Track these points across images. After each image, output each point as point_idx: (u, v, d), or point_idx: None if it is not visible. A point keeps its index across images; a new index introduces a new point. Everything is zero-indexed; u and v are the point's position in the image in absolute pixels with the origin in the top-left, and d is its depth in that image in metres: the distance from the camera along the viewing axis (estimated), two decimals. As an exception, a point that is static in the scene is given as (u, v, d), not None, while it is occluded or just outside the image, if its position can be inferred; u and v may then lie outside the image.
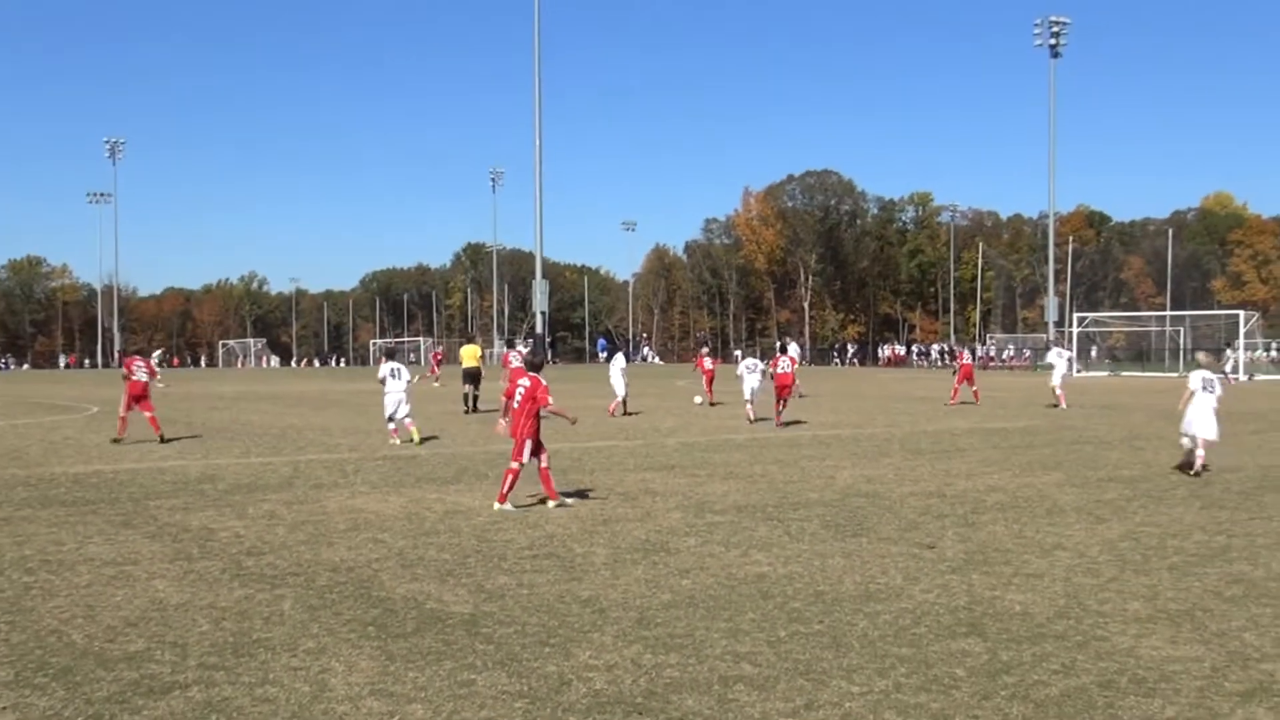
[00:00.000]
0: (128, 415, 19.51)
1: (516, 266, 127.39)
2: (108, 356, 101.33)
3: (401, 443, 18.56)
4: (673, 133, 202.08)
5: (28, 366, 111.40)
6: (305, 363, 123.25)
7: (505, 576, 8.28)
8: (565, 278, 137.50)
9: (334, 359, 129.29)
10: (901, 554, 9.12)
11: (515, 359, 26.57)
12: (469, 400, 26.98)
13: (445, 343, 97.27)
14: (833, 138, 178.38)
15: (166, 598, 7.63)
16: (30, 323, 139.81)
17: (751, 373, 24.85)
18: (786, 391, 23.26)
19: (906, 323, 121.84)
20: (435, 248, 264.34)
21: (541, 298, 60.58)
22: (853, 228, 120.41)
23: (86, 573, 8.45)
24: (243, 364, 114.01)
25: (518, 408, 11.51)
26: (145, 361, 20.37)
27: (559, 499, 11.62)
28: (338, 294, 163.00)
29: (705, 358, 31.72)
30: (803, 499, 12.32)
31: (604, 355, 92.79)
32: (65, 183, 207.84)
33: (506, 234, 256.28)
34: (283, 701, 5.46)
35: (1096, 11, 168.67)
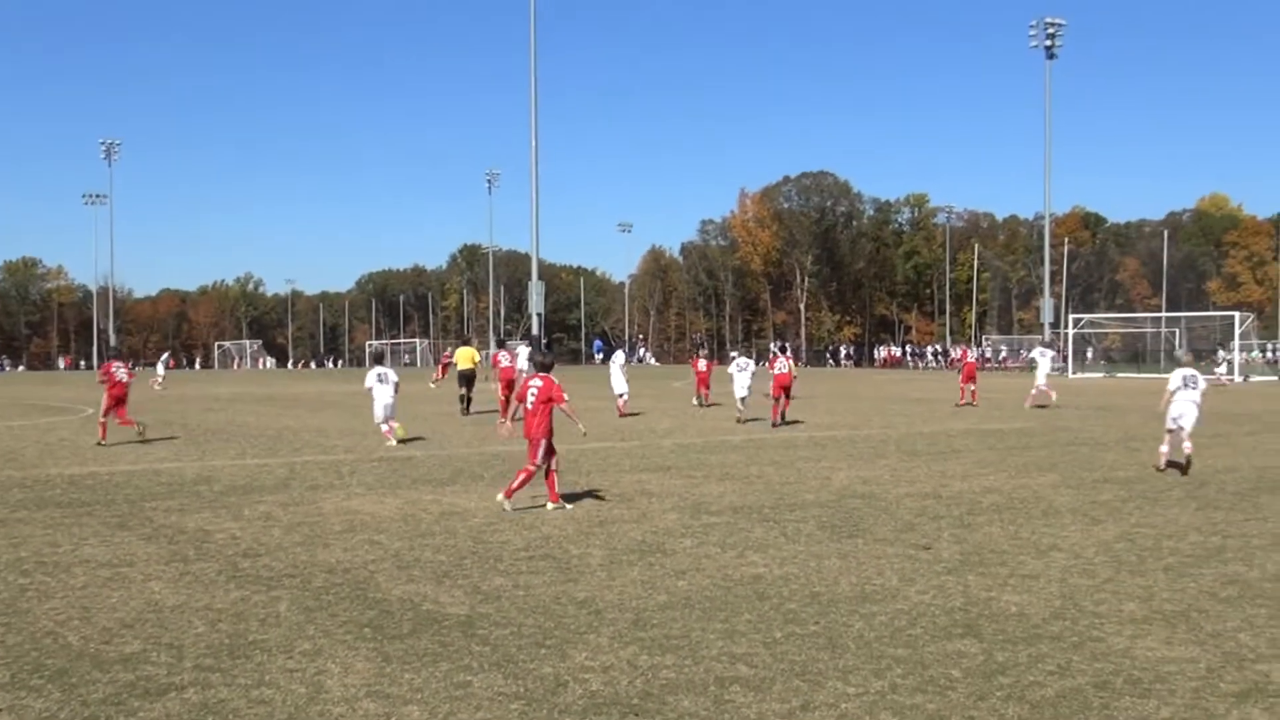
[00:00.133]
0: (107, 420, 19.55)
1: (513, 268, 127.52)
2: (103, 358, 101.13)
3: (397, 443, 18.58)
4: (669, 133, 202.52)
5: (23, 368, 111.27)
6: (301, 364, 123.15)
7: (501, 578, 8.28)
8: (561, 279, 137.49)
9: (330, 360, 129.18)
10: (897, 555, 9.13)
11: (505, 359, 26.57)
12: (464, 402, 26.99)
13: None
14: (828, 139, 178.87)
15: (162, 599, 7.62)
16: (25, 324, 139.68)
17: (742, 371, 24.86)
18: (785, 392, 23.30)
19: (902, 324, 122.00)
20: (431, 249, 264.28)
21: (537, 299, 60.43)
22: (848, 229, 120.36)
23: (82, 574, 8.44)
24: (238, 365, 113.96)
25: (531, 409, 11.50)
26: (124, 364, 20.72)
27: (559, 503, 11.62)
28: (334, 295, 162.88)
29: (700, 359, 31.80)
30: (799, 500, 12.33)
31: (600, 356, 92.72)
32: (61, 184, 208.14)
33: (503, 235, 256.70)
34: (279, 703, 5.46)
35: (1092, 13, 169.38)
